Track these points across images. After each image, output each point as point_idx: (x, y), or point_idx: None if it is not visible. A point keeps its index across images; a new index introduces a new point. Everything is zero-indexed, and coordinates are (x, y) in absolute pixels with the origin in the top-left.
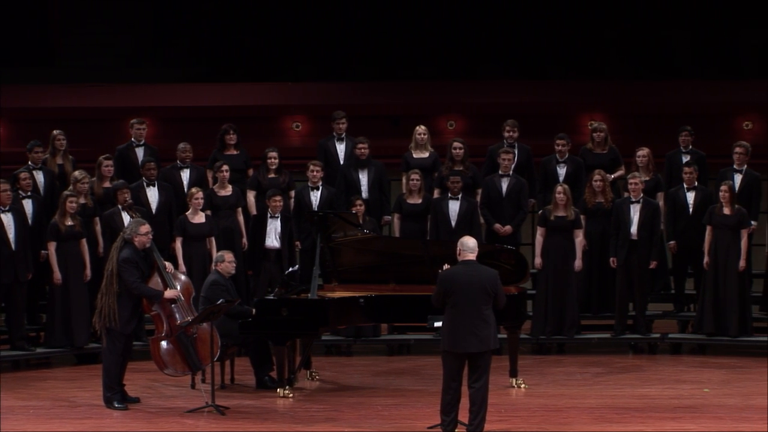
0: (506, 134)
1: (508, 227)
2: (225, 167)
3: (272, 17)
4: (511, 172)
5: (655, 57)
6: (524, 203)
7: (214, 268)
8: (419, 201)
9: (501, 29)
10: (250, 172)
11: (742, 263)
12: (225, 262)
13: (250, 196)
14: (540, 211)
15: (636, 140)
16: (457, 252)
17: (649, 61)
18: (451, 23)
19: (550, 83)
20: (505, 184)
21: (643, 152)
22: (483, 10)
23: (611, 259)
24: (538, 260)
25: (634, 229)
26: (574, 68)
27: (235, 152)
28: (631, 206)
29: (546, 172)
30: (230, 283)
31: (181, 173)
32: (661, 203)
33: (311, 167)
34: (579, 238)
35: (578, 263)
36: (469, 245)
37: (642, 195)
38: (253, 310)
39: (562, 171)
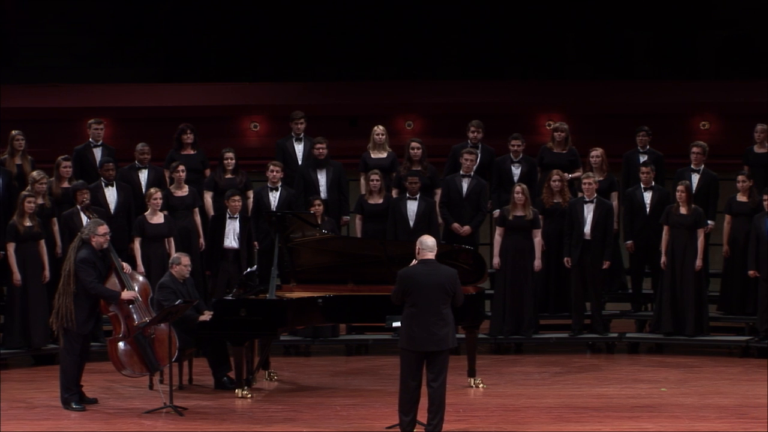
0: (471, 135)
1: (467, 227)
2: (181, 167)
3: (230, 17)
4: (472, 173)
5: (613, 57)
6: (484, 204)
7: (168, 269)
8: (380, 201)
9: (459, 30)
10: (207, 172)
11: (698, 263)
12: (180, 265)
13: (208, 196)
14: (497, 211)
15: (594, 140)
16: (416, 251)
17: (607, 62)
18: (409, 23)
19: (509, 83)
20: (465, 185)
21: (596, 152)
22: (441, 10)
23: (565, 259)
24: (496, 260)
25: (587, 229)
26: (532, 68)
27: (192, 152)
28: (585, 206)
29: (500, 172)
30: (190, 284)
31: (139, 174)
32: (615, 203)
33: (271, 168)
34: (537, 238)
35: (537, 263)
36: (428, 244)
37: (596, 195)
38: (199, 316)
39: (516, 171)
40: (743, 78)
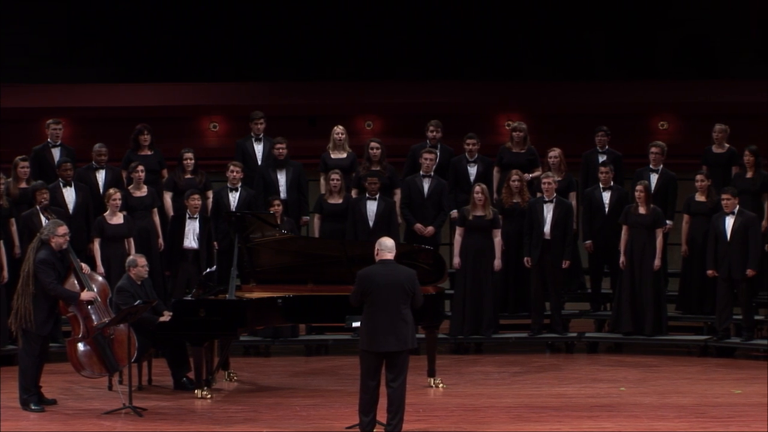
0: (429, 134)
1: (430, 228)
2: (140, 168)
3: (188, 17)
4: (432, 173)
5: (572, 58)
6: (445, 204)
7: (126, 272)
8: (340, 201)
9: (418, 30)
10: (165, 173)
11: (657, 262)
12: (137, 267)
13: (167, 197)
14: (455, 211)
15: (552, 140)
16: (375, 252)
17: (566, 62)
18: (368, 24)
19: (468, 84)
20: (426, 185)
21: (554, 153)
22: (400, 10)
23: (525, 258)
24: (456, 260)
25: (547, 228)
26: (491, 69)
27: (149, 152)
28: (545, 206)
29: (457, 172)
30: (148, 285)
31: (97, 174)
32: (573, 203)
33: (231, 168)
34: (497, 238)
35: (497, 263)
36: (387, 245)
37: (555, 195)
38: (158, 317)
39: (472, 170)
40: (701, 78)
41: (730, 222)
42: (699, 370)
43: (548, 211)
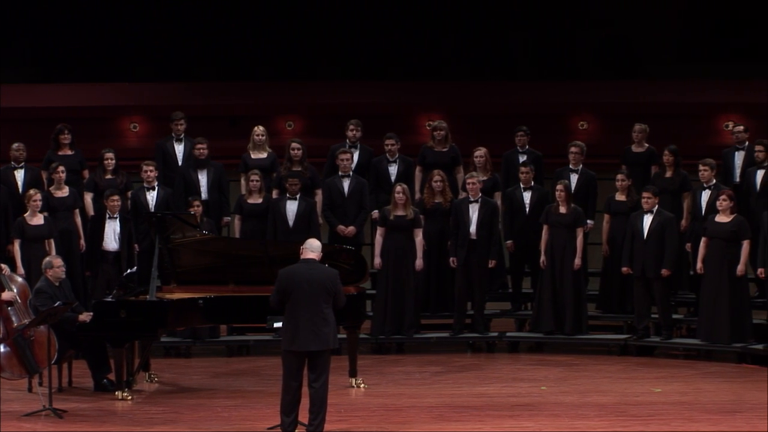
0: (349, 133)
1: (351, 228)
2: (61, 168)
3: (109, 17)
4: (351, 173)
5: (493, 58)
6: (366, 203)
7: (43, 274)
8: (260, 201)
9: (339, 30)
10: (86, 173)
11: (577, 262)
12: (54, 268)
13: (88, 197)
14: (376, 212)
15: (474, 140)
16: (301, 251)
17: (487, 62)
18: (289, 24)
19: (389, 84)
20: (347, 185)
21: (480, 152)
22: (321, 10)
23: (451, 259)
24: (377, 260)
25: (473, 228)
26: (412, 69)
27: (69, 152)
28: (470, 206)
29: (377, 172)
30: (66, 286)
31: (15, 174)
32: (499, 203)
33: (144, 167)
34: (419, 238)
35: (419, 262)
36: (313, 245)
37: (480, 195)
38: (78, 317)
39: (393, 170)
40: (621, 78)
41: (647, 221)
42: (619, 369)
43: (473, 211)
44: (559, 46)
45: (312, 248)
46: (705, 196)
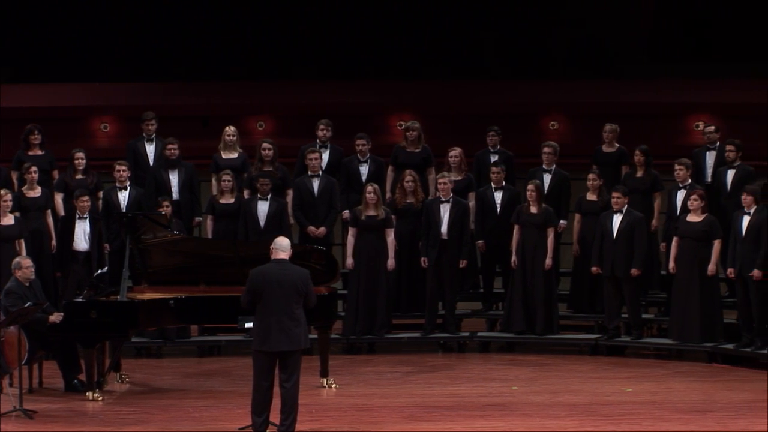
0: (319, 133)
1: (322, 229)
2: (33, 168)
3: (78, 17)
4: (320, 172)
5: (464, 58)
6: (336, 202)
7: (12, 275)
8: (232, 201)
9: (311, 30)
10: (56, 173)
11: (548, 261)
12: (23, 268)
13: (58, 197)
14: (347, 212)
15: (446, 141)
16: (271, 251)
17: (458, 62)
18: (261, 23)
19: (360, 84)
20: (316, 185)
21: (455, 152)
22: (293, 10)
23: (422, 259)
24: (349, 261)
25: (444, 228)
26: (384, 69)
27: (40, 152)
28: (441, 206)
29: (348, 172)
30: (36, 287)
31: None
32: (472, 203)
33: (117, 167)
34: (390, 237)
35: (391, 262)
36: (282, 244)
37: (451, 195)
38: (49, 318)
39: (364, 170)
40: (592, 78)
41: (617, 221)
42: (590, 368)
43: (445, 211)
44: (531, 46)
45: (282, 248)
46: (680, 195)
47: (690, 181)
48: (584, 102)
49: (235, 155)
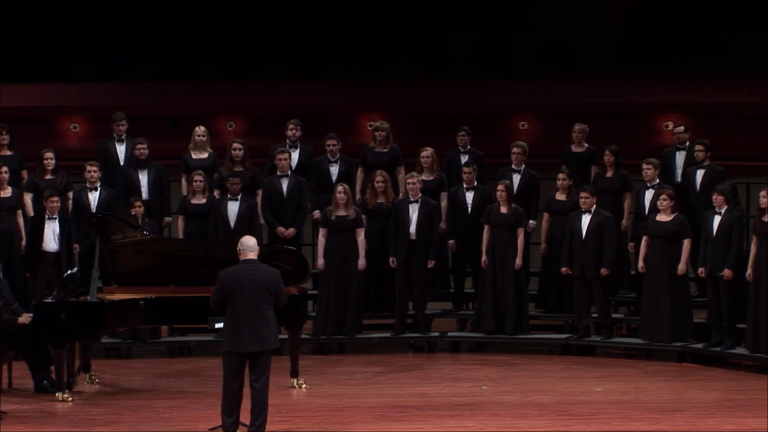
0: (289, 133)
1: (291, 230)
2: (4, 169)
3: (48, 16)
4: (289, 172)
5: (434, 59)
6: (305, 202)
7: None
8: (203, 201)
9: (280, 30)
10: (25, 173)
11: (518, 261)
12: None
13: (27, 198)
14: (317, 212)
15: (417, 141)
16: (238, 252)
17: (428, 62)
18: (229, 24)
19: (330, 84)
20: (285, 185)
21: (426, 152)
22: (262, 10)
23: (391, 259)
24: (320, 261)
25: (413, 228)
26: (353, 69)
27: (8, 153)
28: (410, 206)
29: (318, 172)
30: (4, 287)
31: None
32: (444, 203)
33: (88, 168)
34: (360, 237)
35: (361, 262)
36: (249, 244)
37: (420, 195)
38: (18, 319)
39: (334, 170)
40: (561, 78)
41: (586, 220)
42: (560, 368)
43: (413, 211)
44: (500, 46)
45: (249, 248)
46: (648, 195)
47: (658, 180)
48: (554, 102)
49: (205, 155)
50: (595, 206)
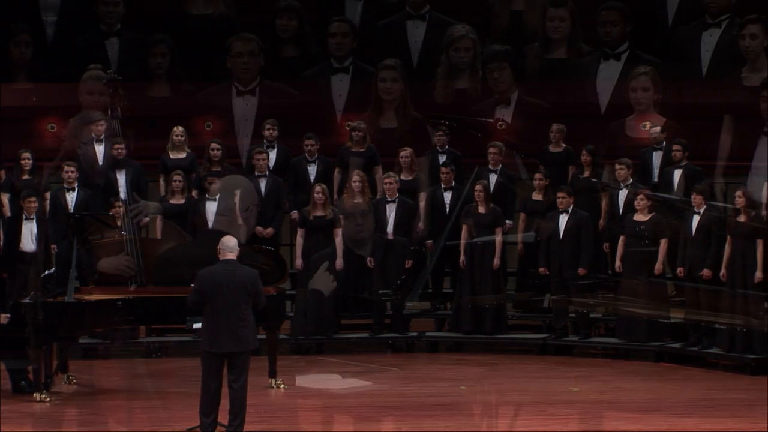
0: (266, 132)
1: (269, 230)
2: None
3: (25, 16)
4: (267, 172)
5: (411, 58)
6: (283, 202)
7: None
8: (182, 201)
9: (258, 29)
10: (2, 173)
11: (496, 261)
12: None
13: (4, 198)
14: (295, 212)
15: (394, 141)
16: (218, 251)
17: (407, 62)
18: (207, 23)
19: (305, 84)
20: (263, 185)
21: (405, 152)
22: (238, 9)
23: (368, 259)
24: (299, 261)
25: (390, 228)
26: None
27: None
28: (387, 206)
29: (296, 172)
30: None
31: None
32: (423, 203)
33: (65, 168)
34: (338, 237)
35: (339, 262)
36: (229, 245)
37: (398, 195)
38: None
39: (312, 170)
40: (539, 79)
41: (563, 221)
42: (538, 368)
43: (390, 211)
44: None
45: (230, 248)
46: (622, 195)
47: (632, 180)
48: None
49: (183, 155)
50: (572, 206)
